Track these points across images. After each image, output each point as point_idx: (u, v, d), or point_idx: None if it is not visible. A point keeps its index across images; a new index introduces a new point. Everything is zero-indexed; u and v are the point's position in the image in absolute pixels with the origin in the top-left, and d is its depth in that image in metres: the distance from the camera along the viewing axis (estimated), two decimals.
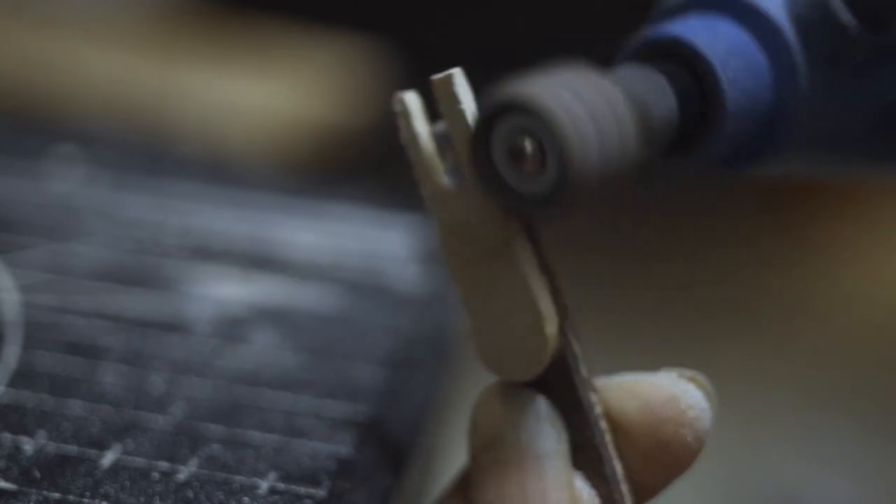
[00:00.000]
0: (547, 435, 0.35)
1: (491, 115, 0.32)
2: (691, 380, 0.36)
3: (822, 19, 0.36)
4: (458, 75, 0.35)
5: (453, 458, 0.38)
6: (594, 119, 0.32)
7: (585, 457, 0.36)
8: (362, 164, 1.07)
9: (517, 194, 0.33)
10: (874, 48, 0.37)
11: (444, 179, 0.35)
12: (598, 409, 0.36)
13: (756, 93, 0.37)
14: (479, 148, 0.33)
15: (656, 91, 0.35)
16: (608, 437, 0.36)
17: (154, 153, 0.63)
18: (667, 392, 0.36)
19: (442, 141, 0.35)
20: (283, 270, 0.54)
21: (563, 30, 1.27)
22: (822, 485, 1.07)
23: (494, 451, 0.35)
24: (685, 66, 0.36)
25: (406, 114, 0.35)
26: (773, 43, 0.37)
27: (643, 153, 0.34)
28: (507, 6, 1.35)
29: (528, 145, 0.32)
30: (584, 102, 0.32)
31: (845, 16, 0.36)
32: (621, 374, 0.37)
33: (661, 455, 0.36)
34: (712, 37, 0.36)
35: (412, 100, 0.36)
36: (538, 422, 0.35)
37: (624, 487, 0.36)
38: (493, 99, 0.33)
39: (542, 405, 0.35)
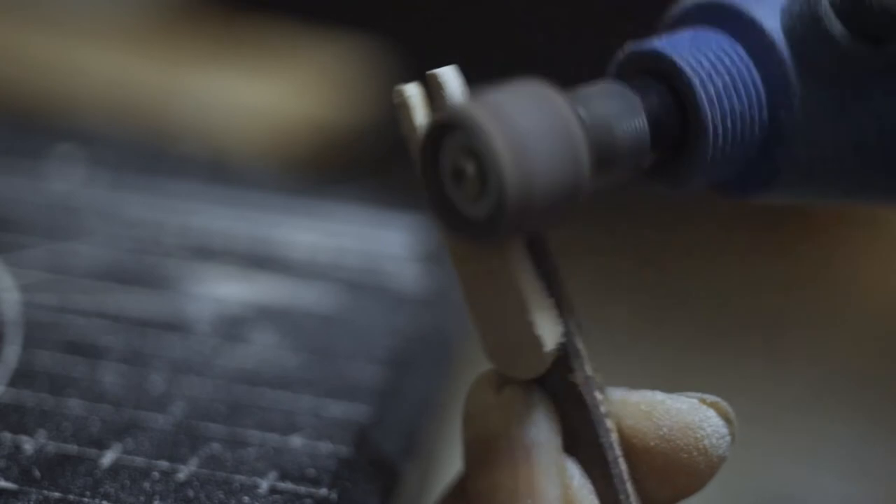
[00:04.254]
0: (538, 424, 0.35)
1: (434, 132, 0.31)
2: (712, 405, 0.36)
3: (817, 34, 0.34)
4: (448, 72, 0.35)
5: (453, 458, 0.38)
6: (538, 140, 0.30)
7: (588, 455, 0.35)
8: (362, 164, 1.07)
9: (461, 216, 0.32)
10: (873, 65, 0.35)
11: None
12: (604, 409, 0.35)
13: (748, 112, 0.35)
14: (427, 166, 0.32)
15: (622, 110, 0.33)
16: (614, 437, 0.35)
17: (154, 153, 0.63)
18: (684, 419, 0.35)
19: None
20: (283, 270, 0.54)
21: (563, 29, 1.28)
22: (822, 485, 1.07)
23: (486, 440, 0.35)
24: (665, 81, 0.34)
25: (406, 106, 0.35)
26: (767, 59, 0.35)
27: (605, 176, 0.33)
28: (507, 6, 1.35)
29: (470, 167, 0.31)
30: (530, 122, 0.30)
31: (839, 30, 0.34)
32: (640, 390, 0.36)
33: (671, 478, 0.36)
34: (697, 50, 0.34)
35: (413, 92, 0.35)
36: (529, 411, 0.35)
37: (629, 487, 0.36)
38: (437, 116, 0.32)
39: (533, 394, 0.35)
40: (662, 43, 0.35)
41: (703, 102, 0.34)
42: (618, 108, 0.33)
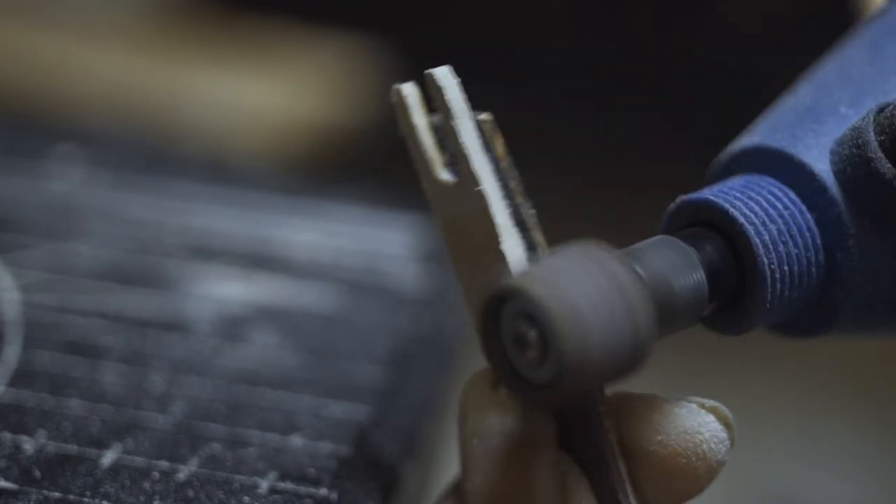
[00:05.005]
0: (533, 422, 0.35)
1: (494, 300, 0.31)
2: (711, 410, 0.36)
3: (867, 175, 0.34)
4: (444, 72, 0.35)
5: (453, 458, 0.38)
6: (598, 307, 0.30)
7: (586, 455, 0.35)
8: (362, 164, 1.07)
9: (525, 380, 0.32)
10: None
11: (442, 173, 0.35)
12: (602, 409, 0.35)
13: (804, 256, 0.35)
14: (488, 331, 0.32)
15: (679, 264, 0.33)
16: (612, 437, 0.35)
17: (154, 153, 0.63)
18: (682, 424, 0.35)
19: (441, 133, 0.35)
20: (283, 270, 0.54)
21: (561, 30, 1.28)
22: (822, 485, 1.07)
23: (481, 438, 0.35)
24: (718, 231, 0.34)
25: (403, 105, 0.35)
26: (819, 202, 0.35)
27: (666, 329, 0.33)
28: (506, 6, 1.35)
29: (531, 333, 0.31)
30: (588, 290, 0.30)
31: (889, 170, 0.34)
32: (639, 394, 0.36)
33: (669, 482, 0.35)
34: (749, 198, 0.35)
35: (410, 91, 0.35)
36: (524, 408, 0.35)
37: (628, 487, 0.36)
38: (498, 284, 0.31)
39: None
40: (713, 192, 0.35)
41: (759, 250, 0.34)
42: (675, 263, 0.33)
